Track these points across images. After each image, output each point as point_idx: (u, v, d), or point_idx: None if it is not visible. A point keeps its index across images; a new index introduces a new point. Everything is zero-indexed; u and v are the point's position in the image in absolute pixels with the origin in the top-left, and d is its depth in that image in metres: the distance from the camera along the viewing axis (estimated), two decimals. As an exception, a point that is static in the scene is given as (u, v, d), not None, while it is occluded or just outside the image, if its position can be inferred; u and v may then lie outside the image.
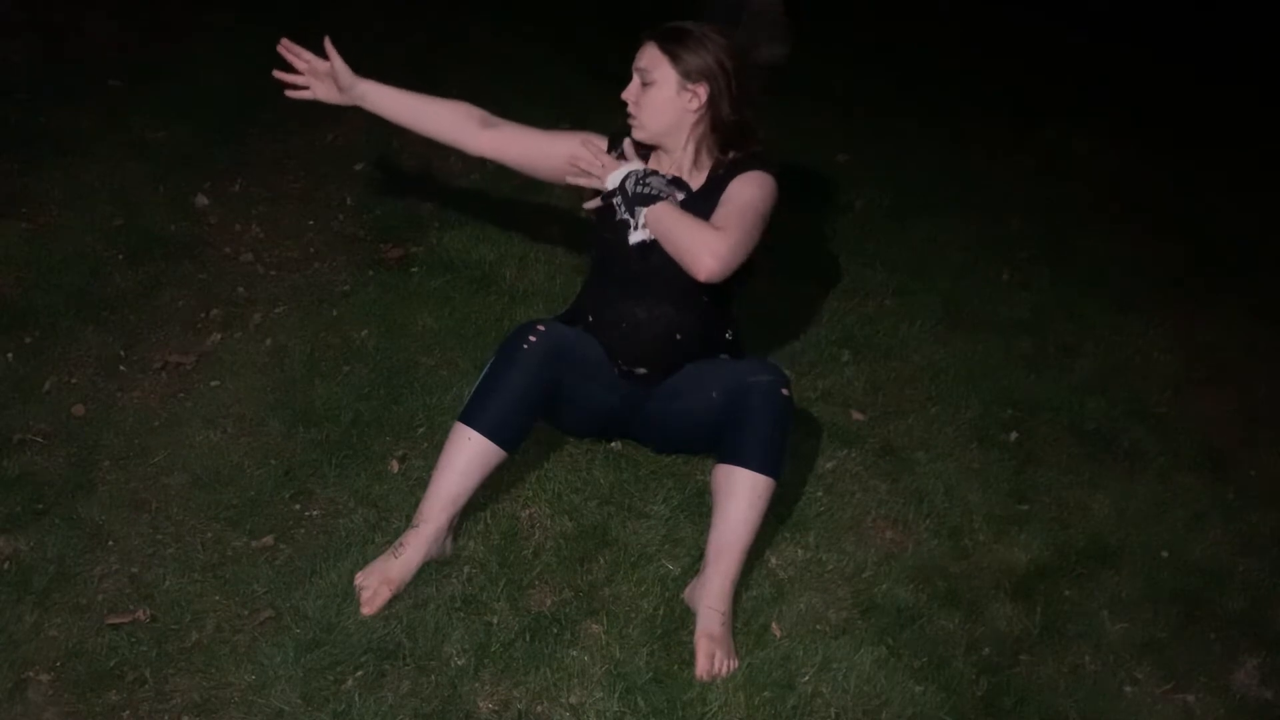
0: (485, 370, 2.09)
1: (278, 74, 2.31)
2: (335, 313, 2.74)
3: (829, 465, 2.47)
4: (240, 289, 2.79)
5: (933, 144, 4.10)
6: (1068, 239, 3.60)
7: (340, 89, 2.28)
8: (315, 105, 2.36)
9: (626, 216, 2.12)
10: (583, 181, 2.19)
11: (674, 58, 2.11)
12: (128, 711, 1.80)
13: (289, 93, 2.32)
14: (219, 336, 2.62)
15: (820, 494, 2.38)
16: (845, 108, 4.20)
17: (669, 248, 2.07)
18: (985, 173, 3.96)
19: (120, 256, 2.83)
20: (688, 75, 2.11)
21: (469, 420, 2.05)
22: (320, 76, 2.29)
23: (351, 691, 1.84)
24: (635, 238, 2.13)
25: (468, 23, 4.36)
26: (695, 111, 2.14)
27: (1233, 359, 3.15)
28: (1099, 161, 4.23)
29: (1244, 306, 3.40)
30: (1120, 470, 2.63)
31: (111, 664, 1.86)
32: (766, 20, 4.53)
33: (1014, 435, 2.67)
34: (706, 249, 2.01)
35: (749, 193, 2.13)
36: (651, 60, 2.13)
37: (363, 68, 3.96)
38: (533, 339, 2.07)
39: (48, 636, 1.90)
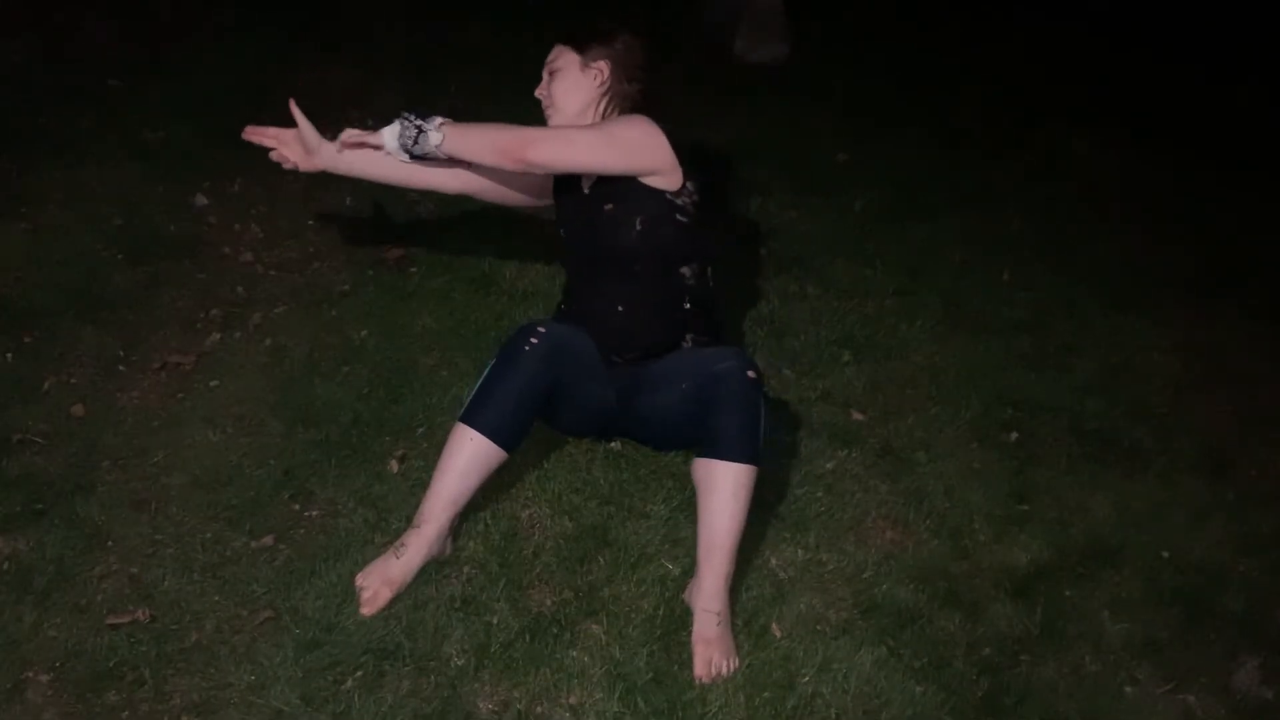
0: (486, 371, 2.09)
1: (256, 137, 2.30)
2: (335, 313, 2.74)
3: (829, 465, 2.47)
4: (240, 289, 2.79)
5: (933, 144, 4.09)
6: (1068, 239, 3.60)
7: (308, 152, 2.25)
8: (314, 104, 2.35)
9: (413, 127, 2.12)
10: (360, 137, 2.20)
11: (573, 42, 2.28)
12: (127, 712, 1.80)
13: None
14: (218, 336, 2.62)
15: (820, 494, 2.38)
16: (845, 108, 4.20)
17: (478, 148, 2.12)
18: (985, 173, 3.95)
19: (119, 256, 2.82)
20: (589, 55, 2.26)
21: (469, 421, 2.05)
22: (290, 143, 2.26)
23: (351, 692, 1.84)
24: (430, 145, 2.12)
25: (468, 23, 4.36)
26: (600, 87, 2.26)
27: (1233, 359, 3.15)
28: (1099, 161, 4.22)
29: (1244, 306, 3.39)
30: (1120, 470, 2.63)
31: (111, 664, 1.86)
32: (766, 20, 4.54)
33: (1014, 435, 2.67)
34: (511, 137, 2.10)
35: (613, 120, 2.24)
36: (554, 53, 2.30)
37: (363, 69, 3.98)
38: (534, 340, 2.07)
39: (47, 637, 1.90)
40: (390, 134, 2.15)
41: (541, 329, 2.10)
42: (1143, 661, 2.15)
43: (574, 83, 2.26)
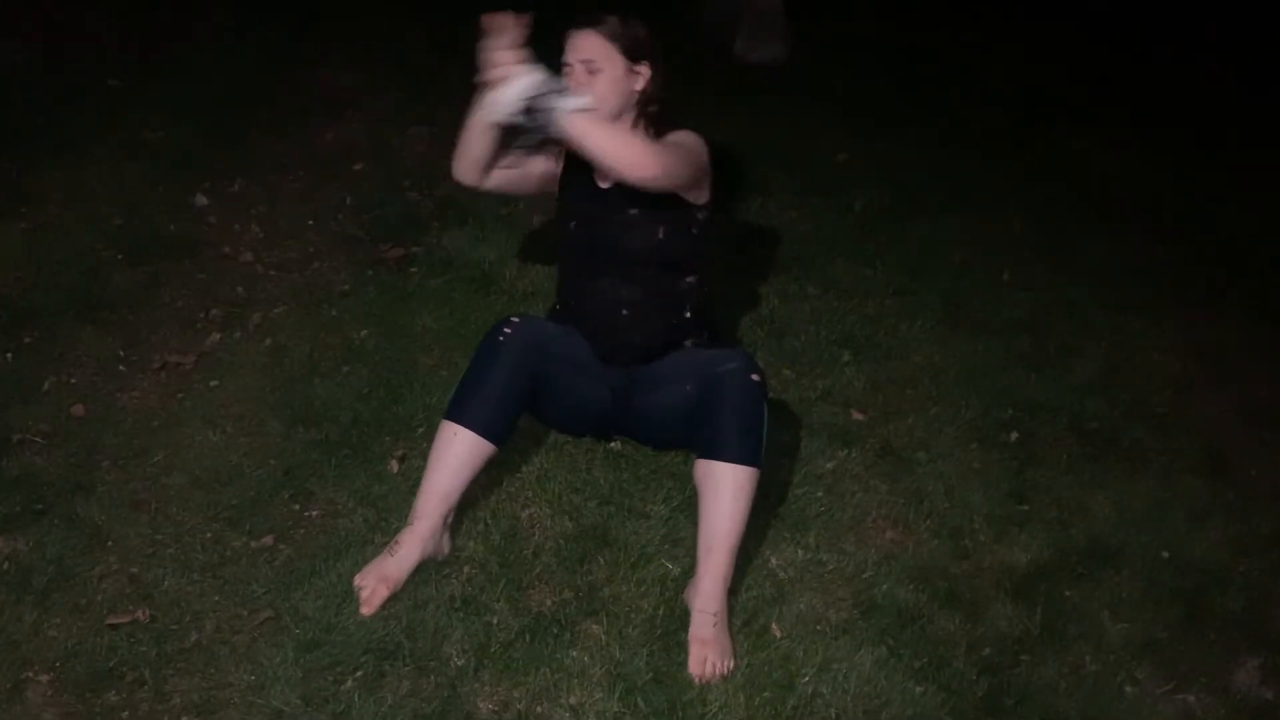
0: (467, 367, 2.10)
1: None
2: (335, 313, 2.74)
3: (829, 465, 2.47)
4: (240, 289, 2.79)
5: (933, 144, 4.10)
6: (1068, 239, 3.60)
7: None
8: (314, 104, 2.35)
9: (559, 84, 2.04)
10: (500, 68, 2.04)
11: (617, 41, 2.15)
12: (127, 712, 1.80)
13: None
14: (218, 336, 2.62)
15: (820, 494, 2.38)
16: (845, 108, 4.20)
17: (598, 145, 2.02)
18: (985, 173, 3.95)
19: (120, 256, 2.82)
20: (633, 56, 2.17)
21: (453, 416, 2.06)
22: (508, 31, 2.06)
23: (351, 692, 1.84)
24: (565, 106, 2.00)
25: (467, 23, 4.36)
26: (640, 90, 2.19)
27: (1233, 359, 3.15)
28: (1099, 161, 4.22)
29: (1244, 306, 3.40)
30: (1120, 470, 2.63)
31: (111, 664, 1.86)
32: (766, 20, 4.54)
33: (1014, 435, 2.67)
34: (639, 148, 2.05)
35: (676, 136, 2.19)
36: (595, 48, 2.14)
37: (363, 69, 3.97)
38: (508, 331, 2.09)
39: (47, 637, 1.90)
40: (529, 74, 1.98)
41: (516, 320, 2.12)
42: (1143, 661, 2.15)
43: (617, 83, 2.16)
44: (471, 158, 2.24)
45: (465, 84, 4.08)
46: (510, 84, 1.99)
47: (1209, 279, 3.53)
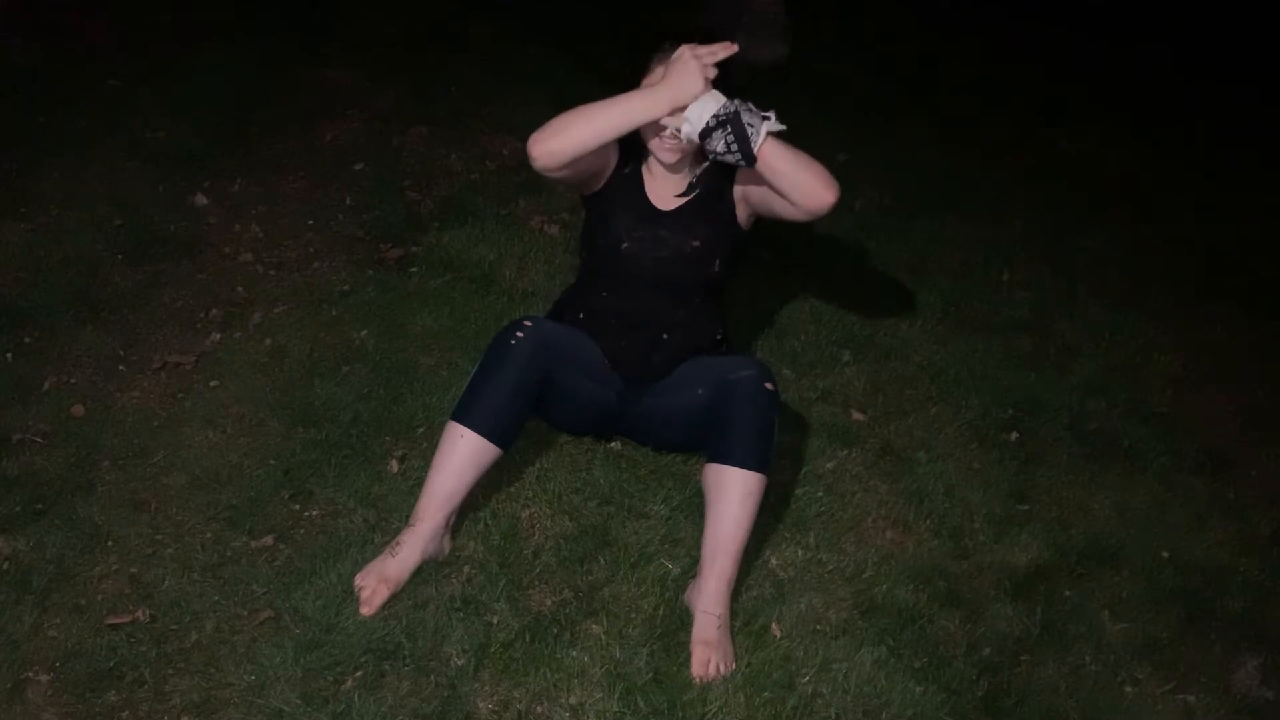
0: (476, 368, 2.10)
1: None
2: (335, 313, 2.74)
3: (829, 465, 2.47)
4: (240, 289, 2.78)
5: (933, 144, 4.10)
6: (1068, 239, 3.60)
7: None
8: (314, 104, 2.34)
9: (758, 116, 1.99)
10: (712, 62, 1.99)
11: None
12: (127, 712, 1.80)
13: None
14: (218, 336, 2.62)
15: (820, 494, 2.38)
16: (845, 108, 4.20)
17: (789, 168, 1.99)
18: (985, 173, 3.96)
19: (120, 256, 2.82)
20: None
21: (461, 418, 2.05)
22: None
23: (351, 692, 1.84)
24: (761, 133, 1.97)
25: (468, 23, 4.37)
26: None
27: (1233, 359, 3.15)
28: (1099, 161, 4.23)
29: (1244, 306, 3.40)
30: (1120, 470, 2.63)
31: (110, 664, 1.85)
32: (766, 20, 4.54)
33: (1014, 435, 2.67)
34: (827, 174, 2.00)
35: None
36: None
37: (363, 69, 3.95)
38: (520, 335, 2.08)
39: (47, 637, 1.90)
40: (715, 100, 1.96)
41: (528, 323, 2.11)
42: (1143, 661, 2.15)
43: None
44: (579, 146, 2.00)
45: (465, 83, 4.07)
46: (709, 98, 1.98)
47: (1209, 279, 3.53)
